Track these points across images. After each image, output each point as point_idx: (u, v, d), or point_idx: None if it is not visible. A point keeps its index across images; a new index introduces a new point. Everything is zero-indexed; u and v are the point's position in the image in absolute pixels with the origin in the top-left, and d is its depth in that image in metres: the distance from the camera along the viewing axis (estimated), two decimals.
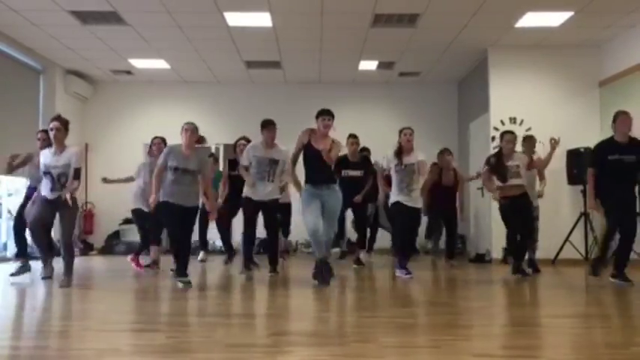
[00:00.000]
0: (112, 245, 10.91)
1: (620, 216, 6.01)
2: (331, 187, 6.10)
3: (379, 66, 10.50)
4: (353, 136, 8.07)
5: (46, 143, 6.31)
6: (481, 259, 9.30)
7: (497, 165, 6.78)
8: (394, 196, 6.79)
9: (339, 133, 8.40)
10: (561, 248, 8.49)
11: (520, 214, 6.74)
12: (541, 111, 9.18)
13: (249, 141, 7.27)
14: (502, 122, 9.21)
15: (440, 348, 3.35)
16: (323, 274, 5.96)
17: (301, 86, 11.56)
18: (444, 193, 8.09)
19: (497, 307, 5.16)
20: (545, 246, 8.42)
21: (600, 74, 9.11)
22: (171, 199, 5.90)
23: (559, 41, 8.94)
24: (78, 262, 8.13)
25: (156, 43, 9.18)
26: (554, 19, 8.08)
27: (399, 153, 6.76)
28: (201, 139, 7.21)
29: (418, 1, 7.45)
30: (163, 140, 7.39)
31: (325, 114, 6.14)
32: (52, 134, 5.90)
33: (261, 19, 8.08)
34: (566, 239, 8.42)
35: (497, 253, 8.90)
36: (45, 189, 5.93)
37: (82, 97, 11.30)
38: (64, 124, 5.95)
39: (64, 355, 3.29)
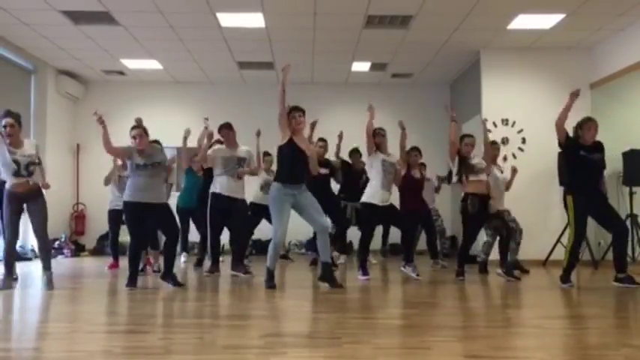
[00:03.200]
0: (103, 246, 10.85)
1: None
2: (302, 187, 5.98)
3: (372, 67, 10.52)
4: (322, 140, 8.16)
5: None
6: (472, 260, 9.31)
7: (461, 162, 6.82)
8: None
9: (331, 132, 8.46)
10: (552, 249, 8.53)
11: (485, 213, 6.78)
12: (532, 112, 9.23)
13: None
14: (494, 124, 9.24)
15: (431, 349, 3.36)
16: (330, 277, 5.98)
17: (294, 87, 11.38)
18: (413, 193, 8.02)
19: (488, 308, 5.17)
20: (536, 247, 8.47)
21: (591, 76, 9.16)
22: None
23: (550, 43, 8.99)
24: (69, 263, 8.12)
25: (148, 43, 9.15)
26: (545, 21, 8.12)
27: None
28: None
29: (411, 3, 7.47)
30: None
31: (298, 110, 6.03)
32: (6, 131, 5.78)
33: (254, 20, 8.08)
34: (558, 240, 8.45)
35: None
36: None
37: (74, 98, 11.25)
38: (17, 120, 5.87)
39: (54, 357, 3.27)
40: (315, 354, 3.27)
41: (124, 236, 10.90)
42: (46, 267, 5.93)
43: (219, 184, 6.85)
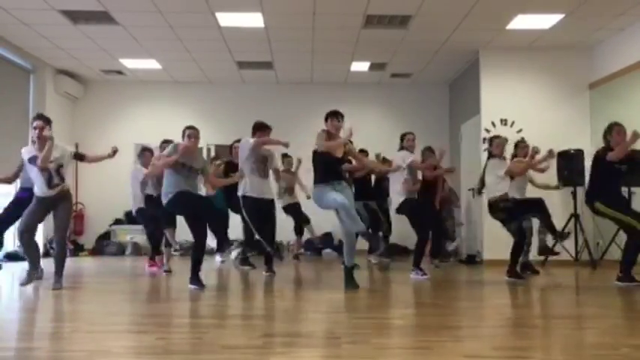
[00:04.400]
0: (102, 246, 10.85)
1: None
2: (342, 183, 5.96)
3: (371, 67, 10.51)
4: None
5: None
6: (472, 260, 9.34)
7: None
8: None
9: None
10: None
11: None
12: (532, 113, 9.23)
13: None
14: (493, 124, 9.25)
15: (431, 349, 3.36)
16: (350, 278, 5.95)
17: (293, 87, 11.56)
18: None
19: (487, 308, 5.17)
20: (536, 247, 8.46)
21: (590, 76, 9.17)
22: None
23: (550, 43, 8.99)
24: (68, 262, 8.09)
25: (147, 43, 9.14)
26: (545, 21, 8.13)
27: None
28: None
29: (410, 3, 7.47)
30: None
31: (338, 114, 6.02)
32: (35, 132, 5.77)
33: (253, 20, 8.07)
34: (557, 240, 8.44)
35: (488, 254, 8.93)
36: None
37: (73, 97, 11.24)
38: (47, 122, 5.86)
39: (54, 356, 3.27)
40: (314, 354, 3.27)
41: (123, 236, 10.96)
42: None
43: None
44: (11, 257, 8.90)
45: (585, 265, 8.26)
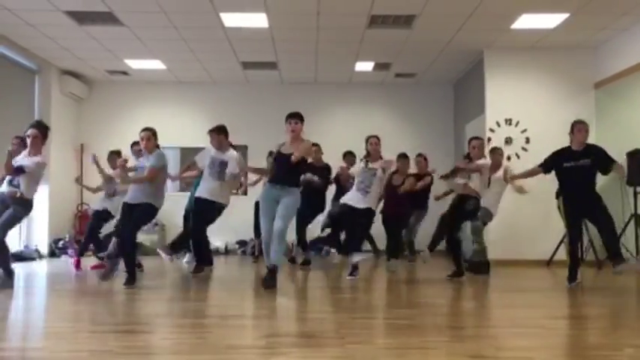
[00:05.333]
0: (106, 246, 10.85)
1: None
2: (288, 189, 6.00)
3: (375, 67, 10.50)
4: (315, 145, 8.14)
5: (21, 149, 6.40)
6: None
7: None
8: None
9: (334, 132, 8.46)
10: (556, 250, 8.50)
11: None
12: (536, 112, 9.20)
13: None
14: (498, 124, 9.23)
15: (434, 349, 3.36)
16: (268, 281, 5.83)
17: (297, 87, 11.56)
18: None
19: (491, 309, 5.17)
20: (540, 247, 8.45)
21: (595, 76, 9.13)
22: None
23: (554, 43, 8.96)
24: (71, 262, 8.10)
25: (152, 43, 9.16)
26: (549, 20, 8.10)
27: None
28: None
29: (414, 3, 7.46)
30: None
31: (292, 117, 6.09)
32: (28, 140, 5.98)
33: (258, 20, 8.07)
34: (561, 241, 8.42)
35: (490, 254, 8.90)
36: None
37: (78, 98, 11.27)
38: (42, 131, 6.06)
39: (57, 356, 3.28)
40: (317, 354, 3.27)
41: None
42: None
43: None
44: (17, 258, 8.93)
45: (591, 265, 8.23)
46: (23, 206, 5.90)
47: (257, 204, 8.39)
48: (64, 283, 6.39)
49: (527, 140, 9.19)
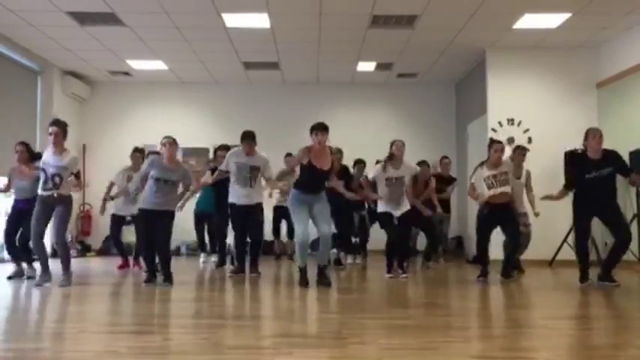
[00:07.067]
0: (109, 246, 10.87)
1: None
2: (319, 195, 6.21)
3: (377, 67, 10.50)
4: (339, 151, 8.12)
5: (24, 156, 6.60)
6: (478, 260, 9.29)
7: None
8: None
9: (336, 132, 8.44)
10: (558, 250, 8.49)
11: (498, 222, 6.74)
12: (539, 112, 9.20)
13: (228, 148, 7.49)
14: (500, 123, 9.23)
15: (438, 350, 3.36)
16: (322, 279, 6.07)
17: (299, 87, 11.57)
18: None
19: (494, 309, 5.16)
20: (543, 247, 8.43)
21: (598, 75, 9.13)
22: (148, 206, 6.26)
23: (557, 43, 8.96)
24: (75, 263, 8.12)
25: (154, 44, 9.17)
26: (552, 20, 8.09)
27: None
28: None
29: (416, 3, 7.46)
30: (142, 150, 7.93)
31: (318, 129, 6.08)
32: (51, 138, 6.07)
33: (259, 20, 8.08)
34: (564, 241, 8.42)
35: (493, 253, 8.89)
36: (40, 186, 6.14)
37: (80, 98, 11.28)
38: (62, 128, 6.15)
39: (60, 357, 3.28)
40: (321, 354, 3.27)
41: (130, 236, 10.99)
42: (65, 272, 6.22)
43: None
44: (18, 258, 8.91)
45: (594, 265, 8.20)
46: (70, 203, 6.31)
47: (275, 208, 9.29)
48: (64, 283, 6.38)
49: (530, 140, 9.18)
